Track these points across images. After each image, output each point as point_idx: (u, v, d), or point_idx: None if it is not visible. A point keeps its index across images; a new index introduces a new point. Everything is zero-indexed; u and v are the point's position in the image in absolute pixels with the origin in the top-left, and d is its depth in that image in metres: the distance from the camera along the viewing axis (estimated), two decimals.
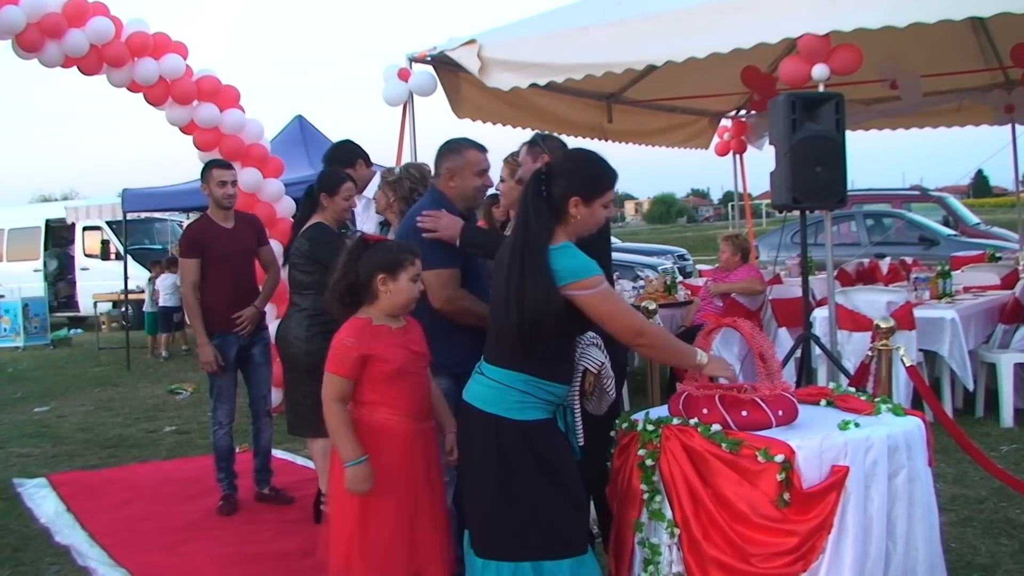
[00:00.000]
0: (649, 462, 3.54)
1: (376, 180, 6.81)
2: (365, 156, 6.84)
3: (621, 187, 5.08)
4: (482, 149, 4.56)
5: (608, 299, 3.50)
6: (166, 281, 15.45)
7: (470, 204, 4.63)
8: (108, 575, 5.25)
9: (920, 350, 7.68)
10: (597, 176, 3.56)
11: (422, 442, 3.84)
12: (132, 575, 5.24)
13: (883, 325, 4.91)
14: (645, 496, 3.56)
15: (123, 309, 17.73)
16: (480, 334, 3.79)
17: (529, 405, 3.50)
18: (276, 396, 7.53)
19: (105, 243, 21.45)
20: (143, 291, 17.34)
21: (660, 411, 3.78)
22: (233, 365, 6.35)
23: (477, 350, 3.76)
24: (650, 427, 3.59)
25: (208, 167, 6.40)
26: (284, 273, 6.11)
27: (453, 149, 4.53)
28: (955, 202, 20.14)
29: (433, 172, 4.60)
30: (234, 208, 6.43)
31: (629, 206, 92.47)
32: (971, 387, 7.85)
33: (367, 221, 6.66)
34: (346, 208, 5.88)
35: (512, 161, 5.31)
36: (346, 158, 6.69)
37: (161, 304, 15.66)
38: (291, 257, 5.84)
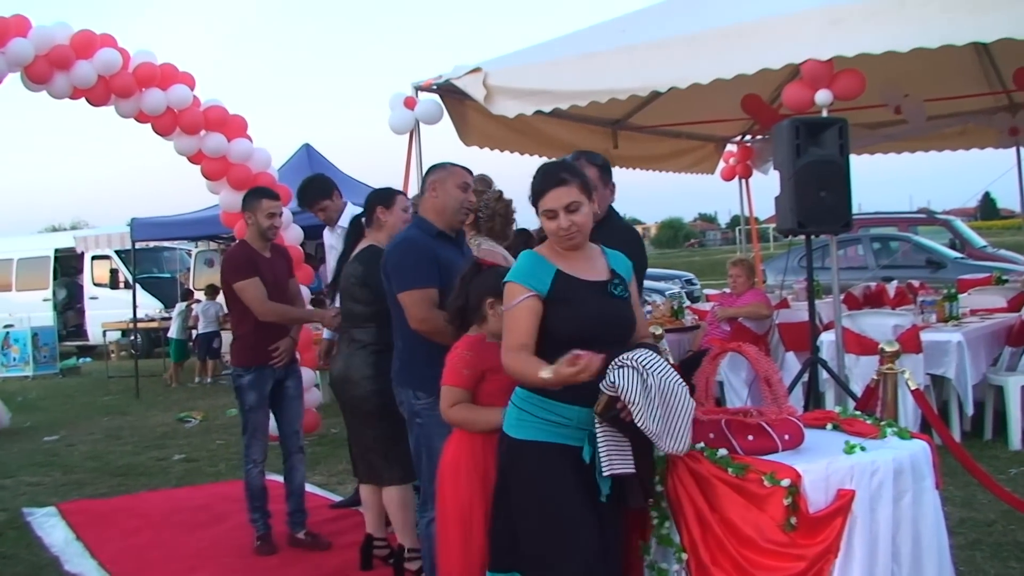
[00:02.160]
0: (657, 488, 3.56)
1: (349, 211, 6.86)
2: (337, 188, 6.90)
3: (628, 211, 5.14)
4: (466, 168, 4.77)
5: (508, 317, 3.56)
6: (208, 310, 15.51)
7: (451, 220, 4.71)
8: None
9: (928, 373, 7.69)
10: (532, 184, 3.59)
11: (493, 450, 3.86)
12: None
13: (888, 349, 4.93)
14: (654, 521, 3.57)
15: (132, 337, 17.80)
16: None
17: (526, 423, 3.45)
18: None
19: (114, 272, 21.55)
20: (153, 319, 17.42)
21: None
22: (267, 400, 6.05)
23: None
24: (657, 453, 3.61)
25: (257, 196, 6.11)
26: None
27: (440, 167, 4.77)
28: (962, 225, 20.14)
29: (421, 193, 4.79)
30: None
31: (638, 231, 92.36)
32: (971, 412, 7.85)
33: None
34: (406, 221, 5.30)
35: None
36: (324, 189, 6.72)
37: (201, 331, 15.74)
38: (345, 288, 5.46)
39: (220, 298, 15.86)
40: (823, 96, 6.79)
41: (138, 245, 16.19)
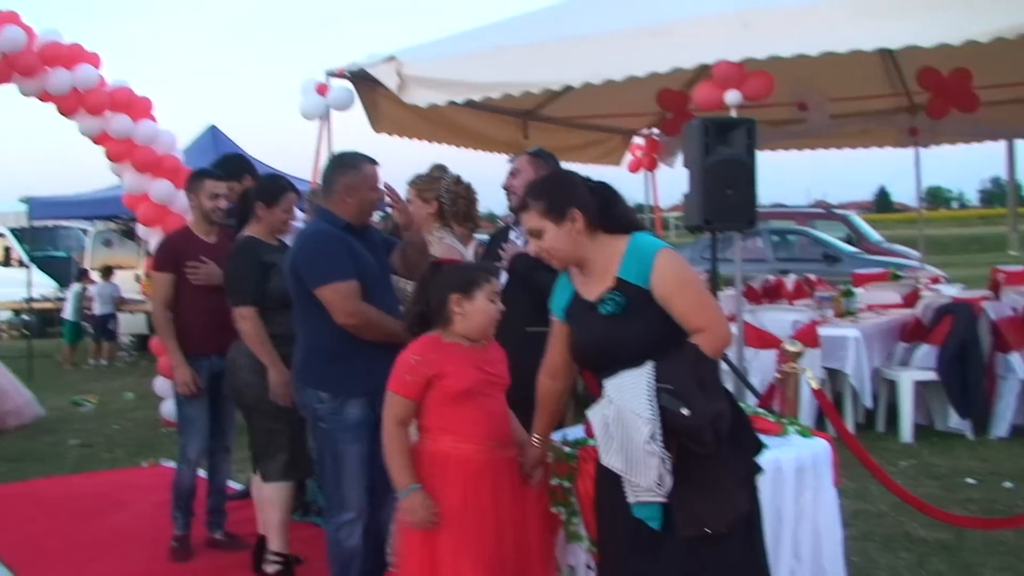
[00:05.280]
0: (567, 483, 3.60)
1: None
2: (253, 171, 6.38)
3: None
4: (375, 162, 4.53)
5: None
6: (104, 290, 15.14)
7: (364, 219, 4.59)
8: None
9: (824, 367, 7.92)
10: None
11: (499, 473, 3.51)
12: None
13: (791, 348, 5.08)
14: (563, 517, 3.62)
15: (26, 318, 17.30)
16: (390, 355, 3.64)
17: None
18: None
19: (7, 250, 20.90)
20: (48, 300, 16.94)
21: (577, 432, 3.85)
22: (206, 393, 5.63)
23: (380, 370, 3.66)
24: (567, 449, 3.66)
25: (200, 177, 5.77)
26: None
27: (349, 164, 4.48)
28: (858, 220, 20.70)
29: (324, 189, 4.51)
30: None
31: None
32: (870, 405, 8.13)
33: None
34: (284, 221, 5.24)
35: (420, 183, 5.45)
36: (233, 171, 6.16)
37: (98, 312, 15.36)
38: (226, 279, 5.26)
39: (116, 279, 15.57)
40: (733, 96, 6.91)
41: (34, 224, 15.74)
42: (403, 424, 3.50)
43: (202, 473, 5.85)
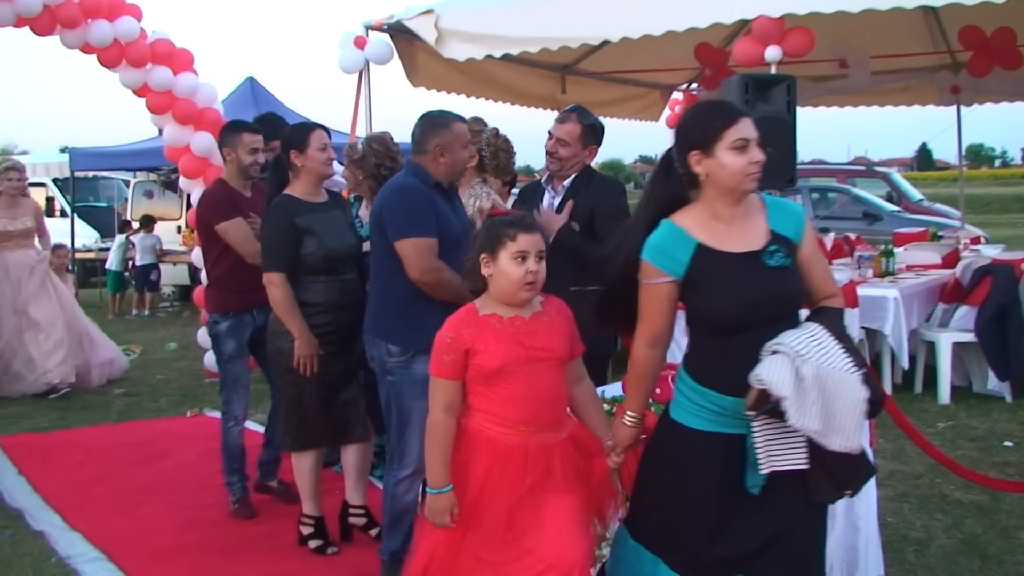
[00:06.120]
0: None
1: None
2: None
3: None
4: (464, 120, 4.51)
5: (641, 295, 3.09)
6: (145, 242, 15.30)
7: (456, 178, 4.58)
8: (63, 539, 5.26)
9: (862, 327, 7.89)
10: (706, 119, 3.02)
11: (532, 461, 3.19)
12: (87, 539, 5.25)
13: None
14: None
15: (69, 268, 17.51)
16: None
17: (683, 407, 3.10)
18: None
19: (50, 200, 21.12)
20: (90, 250, 17.10)
21: (615, 389, 3.88)
22: (247, 349, 5.57)
23: None
24: (605, 406, 3.70)
25: (236, 130, 5.57)
26: None
27: (441, 124, 4.39)
28: (899, 178, 20.48)
29: (416, 148, 4.42)
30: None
31: None
32: (907, 366, 8.10)
33: None
34: (323, 161, 4.94)
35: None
36: (270, 131, 5.77)
37: (139, 263, 15.49)
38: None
39: (157, 230, 15.71)
40: (773, 52, 6.86)
41: (76, 174, 15.89)
42: (449, 411, 3.22)
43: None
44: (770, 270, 2.97)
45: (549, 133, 5.22)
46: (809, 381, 2.77)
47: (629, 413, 3.20)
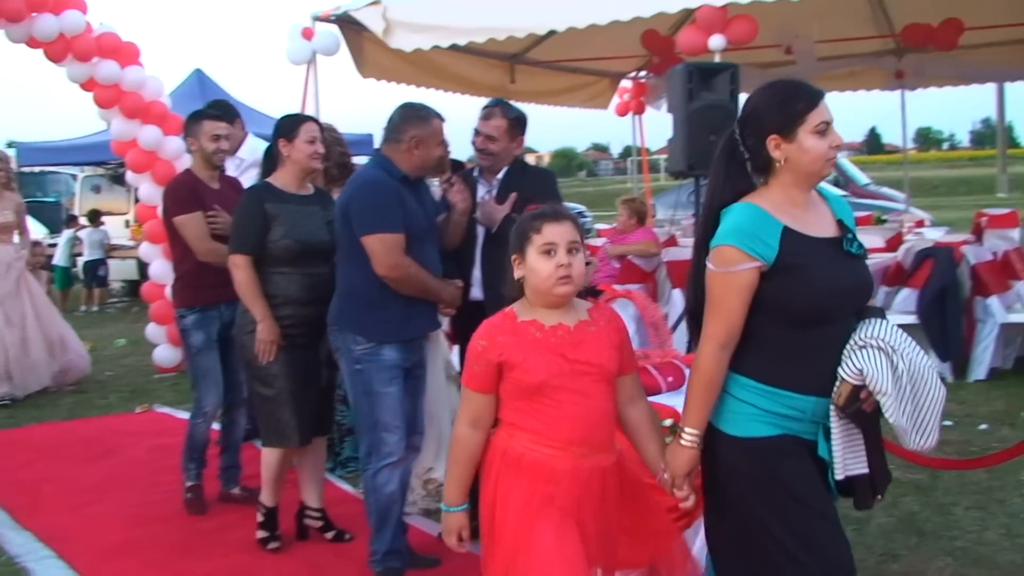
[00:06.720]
0: None
1: (249, 142, 6.67)
2: (240, 116, 6.42)
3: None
4: (442, 117, 4.47)
5: (718, 286, 2.78)
6: (93, 236, 15.12)
7: (426, 173, 4.55)
8: (13, 539, 5.23)
9: None
10: (786, 101, 2.80)
11: (587, 485, 2.87)
12: (37, 537, 5.23)
13: None
14: None
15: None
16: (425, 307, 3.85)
17: (747, 417, 2.78)
18: None
19: None
20: (38, 244, 16.89)
21: None
22: (216, 343, 5.46)
23: (415, 320, 3.97)
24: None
25: (199, 117, 5.47)
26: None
27: (421, 116, 4.37)
28: (846, 162, 20.79)
29: (389, 136, 4.38)
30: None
31: (530, 159, 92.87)
32: None
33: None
34: (310, 154, 4.79)
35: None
36: (226, 113, 5.98)
37: (87, 258, 15.30)
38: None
39: (105, 225, 15.56)
40: (716, 41, 6.95)
41: (22, 169, 15.72)
42: (476, 425, 2.91)
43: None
44: (853, 257, 2.82)
45: (476, 131, 5.10)
46: (904, 377, 2.65)
47: (688, 430, 2.84)
